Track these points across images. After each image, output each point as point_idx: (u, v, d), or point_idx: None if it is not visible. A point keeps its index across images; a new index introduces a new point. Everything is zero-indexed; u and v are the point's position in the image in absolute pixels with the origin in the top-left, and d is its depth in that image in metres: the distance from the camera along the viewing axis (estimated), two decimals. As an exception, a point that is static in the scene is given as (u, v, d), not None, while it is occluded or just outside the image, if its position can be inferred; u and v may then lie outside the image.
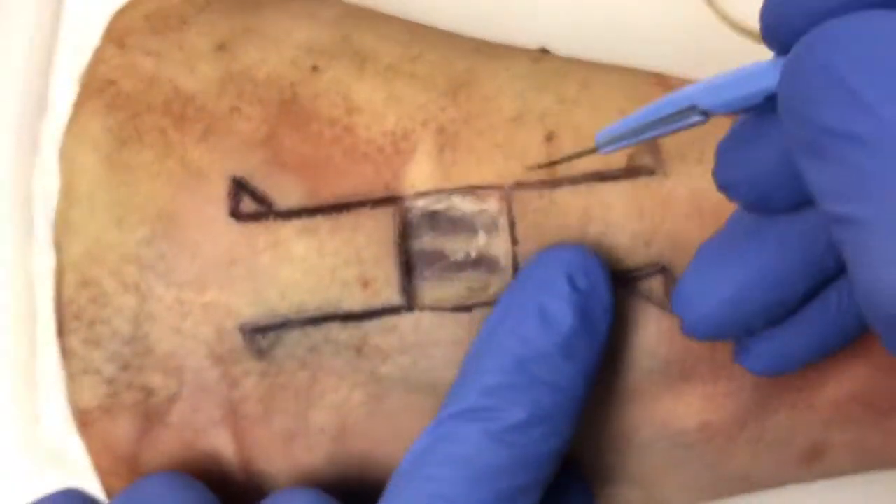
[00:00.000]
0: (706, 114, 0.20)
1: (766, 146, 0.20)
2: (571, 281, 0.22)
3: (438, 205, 0.24)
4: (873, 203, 0.15)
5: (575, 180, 0.24)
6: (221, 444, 0.25)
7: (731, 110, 0.19)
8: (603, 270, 0.23)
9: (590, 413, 0.25)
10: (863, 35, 0.16)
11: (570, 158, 0.24)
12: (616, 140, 0.22)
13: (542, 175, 0.24)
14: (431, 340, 0.24)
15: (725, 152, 0.21)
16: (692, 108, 0.20)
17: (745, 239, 0.22)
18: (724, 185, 0.21)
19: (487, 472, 0.21)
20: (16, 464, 0.32)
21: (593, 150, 0.22)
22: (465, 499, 0.21)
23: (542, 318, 0.22)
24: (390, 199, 0.24)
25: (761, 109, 0.19)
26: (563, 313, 0.22)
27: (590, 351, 0.22)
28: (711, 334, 0.23)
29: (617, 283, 0.24)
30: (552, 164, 0.24)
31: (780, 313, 0.22)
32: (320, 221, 0.24)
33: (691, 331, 0.23)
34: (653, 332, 0.24)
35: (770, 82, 0.18)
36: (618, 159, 0.24)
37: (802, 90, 0.16)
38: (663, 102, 0.20)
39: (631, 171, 0.24)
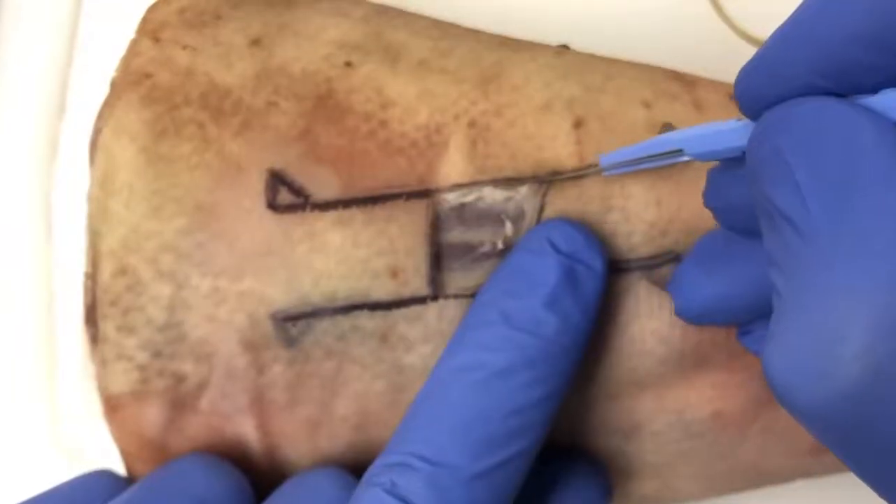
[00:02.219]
0: (693, 157, 0.22)
1: (743, 187, 0.22)
2: (552, 244, 0.23)
3: (469, 197, 0.24)
4: (790, 282, 0.17)
5: (600, 169, 0.25)
6: (247, 430, 0.25)
7: (713, 159, 0.22)
8: (584, 236, 0.24)
9: (606, 402, 0.26)
10: (811, 124, 0.17)
11: (574, 176, 0.25)
12: (618, 166, 0.24)
13: (573, 163, 0.25)
14: (453, 328, 0.24)
15: (714, 180, 0.23)
16: (681, 151, 0.22)
17: (737, 242, 0.23)
18: (710, 208, 0.23)
19: (474, 420, 0.22)
20: (38, 459, 0.32)
21: (599, 171, 0.24)
22: (451, 445, 0.22)
23: (526, 276, 0.23)
24: (423, 193, 0.24)
25: (739, 159, 0.21)
26: (545, 270, 0.23)
27: (576, 307, 0.23)
28: (699, 321, 0.24)
29: (632, 271, 0.25)
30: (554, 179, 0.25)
31: (766, 312, 0.23)
32: (355, 213, 0.24)
33: (681, 314, 0.24)
34: (666, 320, 0.25)
35: (743, 142, 0.20)
36: None
37: (759, 167, 0.18)
38: (659, 141, 0.23)
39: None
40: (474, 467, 0.21)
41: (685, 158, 0.22)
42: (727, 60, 0.32)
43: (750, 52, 0.32)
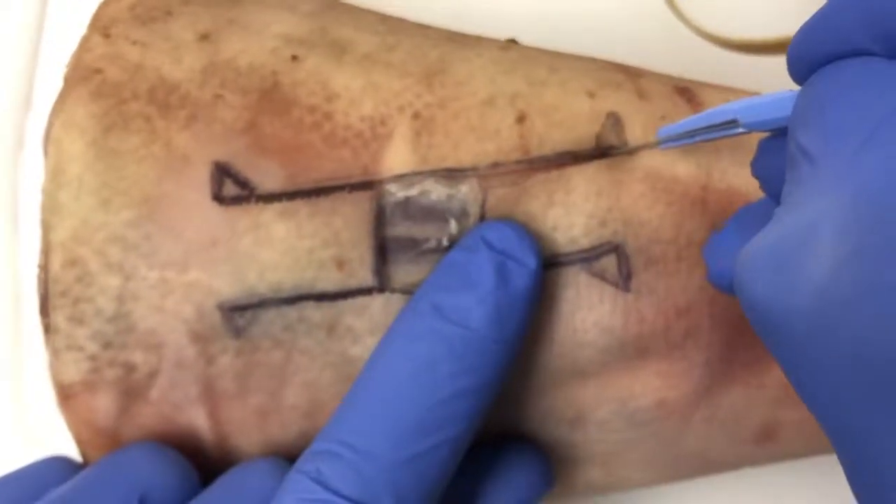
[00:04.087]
0: (748, 127, 0.22)
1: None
2: (486, 242, 0.24)
3: (413, 189, 0.25)
4: (791, 206, 0.17)
5: (547, 159, 0.25)
6: (198, 419, 0.25)
7: (766, 129, 0.22)
8: (517, 233, 0.24)
9: (550, 391, 0.26)
10: (855, 77, 0.18)
11: (634, 149, 0.25)
12: (674, 139, 0.24)
13: (516, 155, 0.25)
14: None
15: (763, 148, 0.23)
16: (735, 122, 0.22)
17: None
18: (756, 176, 0.23)
19: (400, 409, 0.22)
20: (3, 445, 0.32)
21: (656, 144, 0.25)
22: (377, 433, 0.22)
23: (460, 271, 0.24)
24: (368, 184, 0.25)
25: None
26: (478, 266, 0.24)
27: (507, 301, 0.24)
28: (732, 289, 0.24)
29: (573, 264, 0.25)
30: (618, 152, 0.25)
31: None
32: (300, 205, 0.25)
33: (715, 281, 0.25)
34: (607, 310, 0.25)
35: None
36: (586, 139, 0.26)
37: (798, 116, 0.19)
38: (714, 112, 0.23)
39: (598, 151, 0.26)
40: (398, 455, 0.22)
41: (740, 130, 0.22)
42: (680, 55, 0.33)
43: (703, 47, 0.33)
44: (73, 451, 0.27)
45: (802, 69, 0.20)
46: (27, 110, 0.35)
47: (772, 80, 0.31)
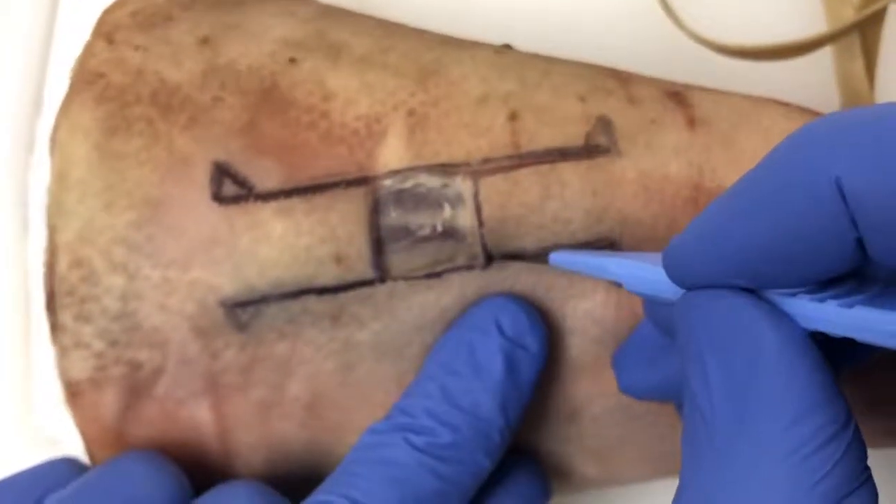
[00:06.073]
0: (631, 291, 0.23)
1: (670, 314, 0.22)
2: (499, 325, 0.25)
3: (407, 182, 0.25)
4: (691, 465, 0.19)
5: (537, 156, 0.26)
6: (201, 414, 0.26)
7: (648, 298, 0.22)
8: (530, 319, 0.25)
9: (545, 386, 0.26)
10: (724, 326, 0.19)
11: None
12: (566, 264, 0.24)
13: (507, 151, 0.26)
14: (404, 305, 0.25)
15: (648, 310, 0.24)
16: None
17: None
18: (645, 311, 0.25)
19: (404, 477, 0.23)
20: (9, 445, 0.33)
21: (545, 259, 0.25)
22: (379, 492, 0.23)
23: (470, 356, 0.25)
24: (362, 180, 0.25)
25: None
26: (489, 354, 0.25)
27: (514, 391, 0.25)
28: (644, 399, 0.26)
29: None
30: None
31: None
32: (296, 202, 0.25)
33: (627, 394, 0.26)
34: (600, 301, 0.26)
35: (671, 296, 0.21)
36: (576, 138, 0.26)
37: (683, 348, 0.20)
38: (602, 266, 0.23)
39: (588, 150, 0.26)
40: None
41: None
42: (676, 60, 0.33)
43: (699, 52, 0.33)
44: (80, 452, 0.28)
45: (678, 282, 0.21)
46: (37, 113, 0.36)
47: (766, 85, 0.31)
